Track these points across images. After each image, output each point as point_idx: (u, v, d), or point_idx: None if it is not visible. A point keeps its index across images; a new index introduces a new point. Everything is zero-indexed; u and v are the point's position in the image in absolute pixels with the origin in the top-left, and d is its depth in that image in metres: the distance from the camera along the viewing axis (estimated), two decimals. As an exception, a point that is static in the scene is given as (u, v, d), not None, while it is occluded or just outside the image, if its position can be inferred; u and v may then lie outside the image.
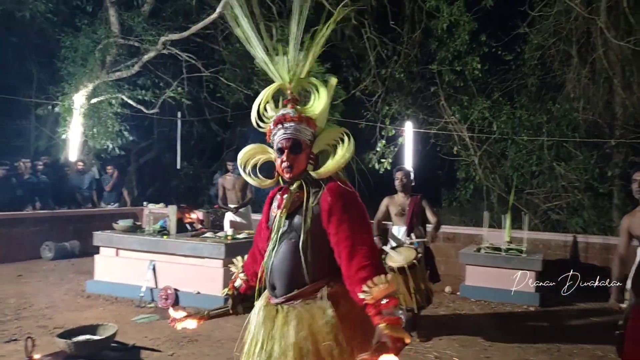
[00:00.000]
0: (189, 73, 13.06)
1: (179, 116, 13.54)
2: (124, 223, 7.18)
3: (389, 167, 10.83)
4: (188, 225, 7.16)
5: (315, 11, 2.52)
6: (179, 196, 14.71)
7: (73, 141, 11.81)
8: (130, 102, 12.54)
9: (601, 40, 10.15)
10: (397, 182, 5.71)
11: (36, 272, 8.12)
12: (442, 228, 6.50)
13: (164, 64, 13.61)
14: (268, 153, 2.24)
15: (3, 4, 11.43)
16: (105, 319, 5.28)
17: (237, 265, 2.48)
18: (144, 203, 11.44)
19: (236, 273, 2.46)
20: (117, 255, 6.91)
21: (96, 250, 7.14)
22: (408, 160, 10.12)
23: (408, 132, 10.53)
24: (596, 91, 10.75)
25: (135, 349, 3.65)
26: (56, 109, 12.20)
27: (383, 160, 11.34)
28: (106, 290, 6.78)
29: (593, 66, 10.75)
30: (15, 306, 6.11)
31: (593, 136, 10.53)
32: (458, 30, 11.15)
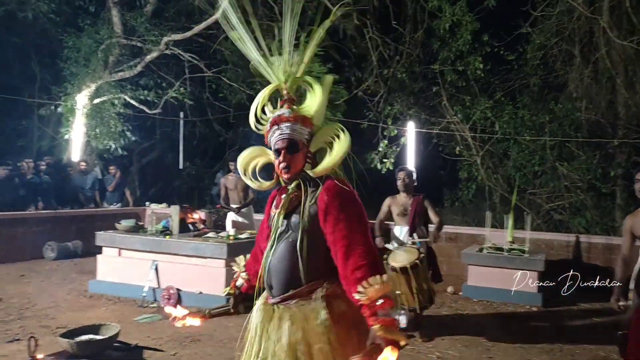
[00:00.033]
0: (192, 73, 13.08)
1: (182, 116, 13.54)
2: (127, 223, 7.18)
3: (391, 167, 10.83)
4: (190, 225, 7.15)
5: (317, 10, 2.53)
6: (182, 196, 14.75)
7: (76, 141, 11.83)
8: (132, 103, 12.56)
9: (604, 39, 10.14)
10: (400, 182, 5.70)
11: (39, 272, 8.13)
12: (445, 228, 6.48)
13: (167, 64, 13.63)
14: (267, 155, 2.24)
15: (6, 4, 11.46)
16: (107, 319, 5.28)
17: (240, 264, 2.48)
18: (147, 203, 11.45)
19: (238, 272, 2.45)
20: (120, 255, 6.91)
21: (99, 250, 7.15)
22: (410, 160, 10.12)
23: (410, 132, 10.53)
24: (599, 91, 10.73)
25: (137, 349, 3.65)
26: (59, 109, 12.22)
27: (385, 160, 11.34)
28: (109, 290, 6.79)
29: (596, 66, 10.73)
30: (18, 306, 6.13)
31: (596, 136, 10.51)
32: (460, 30, 11.14)
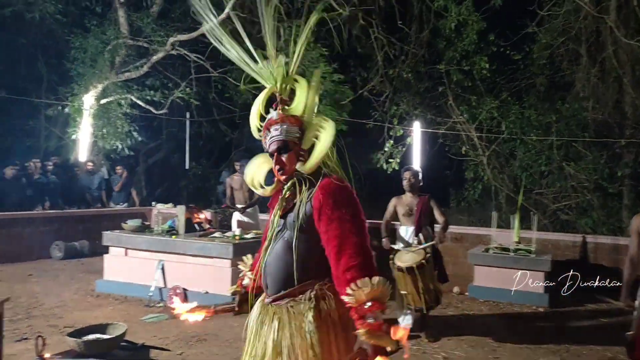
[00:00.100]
0: (198, 73, 13.10)
1: (188, 116, 13.58)
2: (133, 223, 7.21)
3: (397, 167, 10.81)
4: (196, 225, 7.17)
5: (309, 9, 2.53)
6: (188, 196, 14.79)
7: (83, 141, 11.87)
8: (139, 103, 12.59)
9: (611, 39, 10.09)
10: (405, 182, 5.69)
11: (46, 272, 8.18)
12: (450, 228, 6.47)
13: (173, 65, 13.67)
14: (269, 160, 2.24)
15: (13, 6, 11.52)
16: (114, 318, 5.30)
17: (247, 263, 2.48)
18: (153, 203, 11.47)
19: (244, 271, 2.45)
20: (126, 255, 6.94)
21: (105, 250, 7.18)
22: (416, 160, 10.10)
23: (416, 132, 10.51)
24: (606, 90, 10.67)
25: (144, 348, 3.67)
26: (66, 110, 12.27)
27: (391, 160, 11.32)
28: (115, 289, 6.82)
29: (602, 65, 10.68)
30: (25, 305, 6.16)
31: (602, 136, 10.45)
32: (466, 29, 11.11)
